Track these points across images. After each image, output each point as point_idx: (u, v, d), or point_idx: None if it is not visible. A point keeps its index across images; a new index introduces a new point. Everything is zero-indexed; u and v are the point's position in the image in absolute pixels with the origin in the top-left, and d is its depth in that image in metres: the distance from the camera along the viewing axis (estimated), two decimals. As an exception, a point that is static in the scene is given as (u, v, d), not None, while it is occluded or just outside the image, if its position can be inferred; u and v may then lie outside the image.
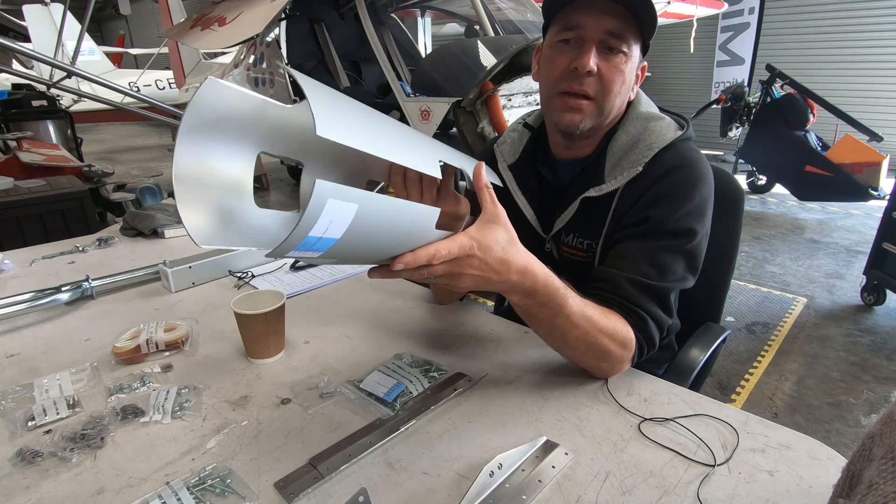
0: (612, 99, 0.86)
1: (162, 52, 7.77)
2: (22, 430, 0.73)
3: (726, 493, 0.61)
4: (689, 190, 0.85)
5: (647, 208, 0.85)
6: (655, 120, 0.90)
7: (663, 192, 0.85)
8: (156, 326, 0.95)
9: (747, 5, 6.63)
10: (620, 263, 0.84)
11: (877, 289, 2.90)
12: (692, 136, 0.91)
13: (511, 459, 0.63)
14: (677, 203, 0.84)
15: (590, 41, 0.82)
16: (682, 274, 0.85)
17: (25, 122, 4.28)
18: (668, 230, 0.84)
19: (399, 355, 0.89)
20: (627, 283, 0.81)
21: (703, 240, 0.87)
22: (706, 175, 0.88)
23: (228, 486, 0.62)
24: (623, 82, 0.85)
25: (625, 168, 0.88)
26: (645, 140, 0.88)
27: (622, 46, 0.83)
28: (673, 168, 0.86)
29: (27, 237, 2.19)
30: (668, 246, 0.84)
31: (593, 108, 0.87)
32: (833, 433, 1.96)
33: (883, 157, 3.96)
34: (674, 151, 0.87)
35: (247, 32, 3.04)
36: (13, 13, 6.84)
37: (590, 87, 0.85)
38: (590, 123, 0.89)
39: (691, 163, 0.87)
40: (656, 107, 0.95)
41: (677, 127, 0.91)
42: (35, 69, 5.52)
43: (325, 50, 4.49)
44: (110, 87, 3.10)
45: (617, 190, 0.88)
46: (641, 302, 0.81)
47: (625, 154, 0.89)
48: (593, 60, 0.82)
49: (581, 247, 0.95)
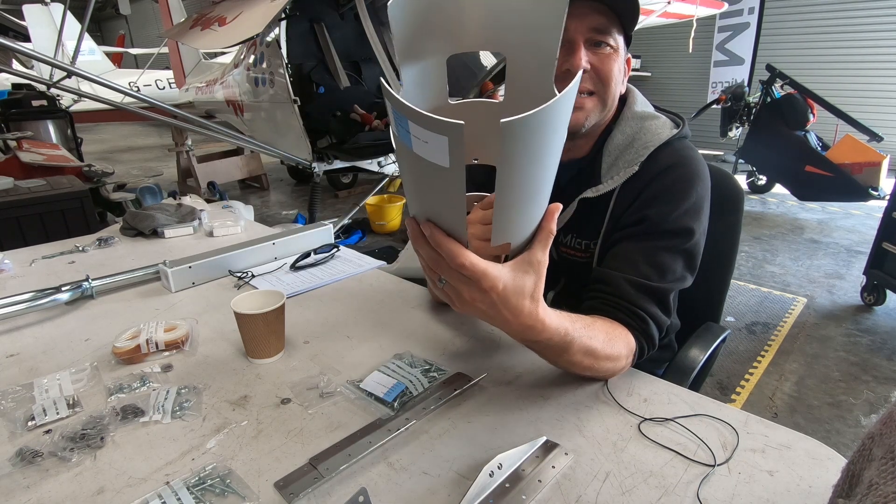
0: (613, 89, 0.88)
1: (162, 52, 7.76)
2: (22, 429, 0.73)
3: (726, 493, 0.61)
4: (685, 188, 0.85)
5: (645, 208, 0.85)
6: (651, 119, 0.91)
7: (660, 192, 0.85)
8: (156, 326, 0.95)
9: (747, 5, 6.63)
10: (619, 264, 0.84)
11: (877, 289, 2.90)
12: (688, 135, 0.91)
13: (511, 459, 0.63)
14: (674, 202, 0.85)
15: (577, 41, 0.84)
16: (681, 273, 0.85)
17: (25, 122, 4.28)
18: (665, 230, 0.84)
19: (399, 355, 0.89)
20: (627, 284, 0.81)
21: (701, 238, 0.88)
22: (702, 173, 0.89)
23: (228, 486, 0.62)
24: (618, 71, 0.88)
25: (621, 168, 0.88)
26: (640, 139, 0.89)
27: (608, 40, 0.85)
28: (669, 167, 0.86)
29: (27, 237, 2.18)
30: (666, 246, 0.84)
31: (595, 102, 0.88)
32: (833, 433, 1.96)
33: (883, 157, 3.96)
34: (669, 150, 0.88)
35: (247, 32, 3.03)
36: (13, 13, 6.84)
37: (588, 84, 0.87)
38: (594, 119, 0.90)
39: (687, 161, 0.87)
40: (652, 106, 0.96)
41: (672, 125, 0.91)
42: (35, 69, 5.52)
43: (325, 50, 4.48)
44: (110, 87, 3.09)
45: (614, 190, 0.89)
46: (642, 303, 0.81)
47: (621, 154, 0.90)
48: (584, 59, 0.84)
49: (579, 247, 0.95)
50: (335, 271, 1.28)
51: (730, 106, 5.01)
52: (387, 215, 4.50)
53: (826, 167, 4.12)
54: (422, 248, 0.58)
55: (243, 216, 1.70)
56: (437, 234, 0.55)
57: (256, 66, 4.24)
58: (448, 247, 0.55)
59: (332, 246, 1.38)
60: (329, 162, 4.17)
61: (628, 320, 0.80)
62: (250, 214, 2.45)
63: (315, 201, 4.17)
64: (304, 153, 4.01)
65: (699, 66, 7.41)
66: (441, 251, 0.55)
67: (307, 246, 1.38)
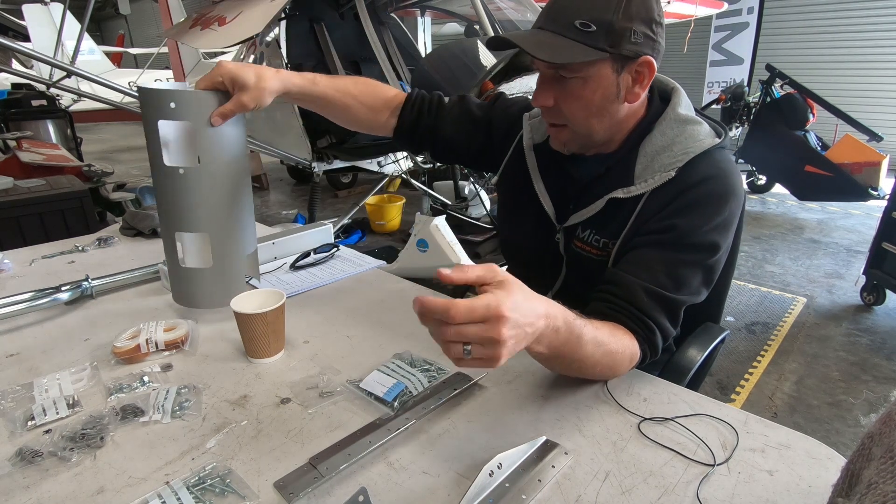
0: (583, 123, 0.86)
1: (162, 52, 7.76)
2: (22, 429, 0.73)
3: (726, 493, 0.61)
4: (719, 203, 0.83)
5: (675, 216, 0.82)
6: (693, 124, 0.87)
7: (693, 202, 0.82)
8: (155, 326, 0.95)
9: (746, 5, 6.64)
10: (637, 270, 0.82)
11: (876, 289, 2.90)
12: (728, 146, 0.88)
13: (511, 459, 0.63)
14: (706, 216, 0.82)
15: (541, 77, 0.85)
16: (697, 288, 0.84)
17: (25, 122, 4.28)
18: (692, 243, 0.81)
19: (399, 355, 0.89)
20: (642, 291, 0.79)
21: (724, 255, 0.86)
22: (738, 189, 0.86)
23: (228, 486, 0.62)
24: (587, 106, 0.84)
25: (656, 171, 0.85)
26: (680, 144, 0.85)
27: (570, 74, 0.81)
28: (706, 178, 0.83)
29: (27, 237, 2.18)
30: (689, 260, 0.82)
31: (569, 134, 0.88)
32: (832, 433, 1.96)
33: (883, 157, 3.96)
34: (709, 160, 0.84)
35: (246, 32, 3.03)
36: (13, 13, 6.84)
37: (555, 118, 0.87)
38: (575, 146, 0.90)
39: (725, 174, 0.84)
40: (694, 110, 0.91)
41: (714, 134, 0.87)
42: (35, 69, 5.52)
43: (325, 50, 4.48)
44: (110, 86, 3.09)
45: (645, 192, 0.86)
46: (652, 312, 0.79)
47: (657, 156, 0.86)
48: (542, 97, 0.85)
49: (596, 244, 0.91)
50: (335, 271, 1.28)
51: (729, 106, 5.02)
52: (387, 215, 4.50)
53: (826, 167, 4.12)
54: (429, 324, 0.58)
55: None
56: (425, 300, 0.56)
57: (256, 66, 4.23)
58: (442, 303, 0.55)
59: (332, 245, 1.38)
60: (329, 162, 4.17)
61: (635, 327, 0.79)
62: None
63: (315, 201, 4.17)
64: (303, 153, 4.01)
65: (695, 66, 7.41)
66: (440, 312, 0.55)
67: (307, 246, 1.38)
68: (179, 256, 0.99)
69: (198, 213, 0.95)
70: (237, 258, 1.01)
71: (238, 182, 0.98)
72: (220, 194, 0.95)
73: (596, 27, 0.77)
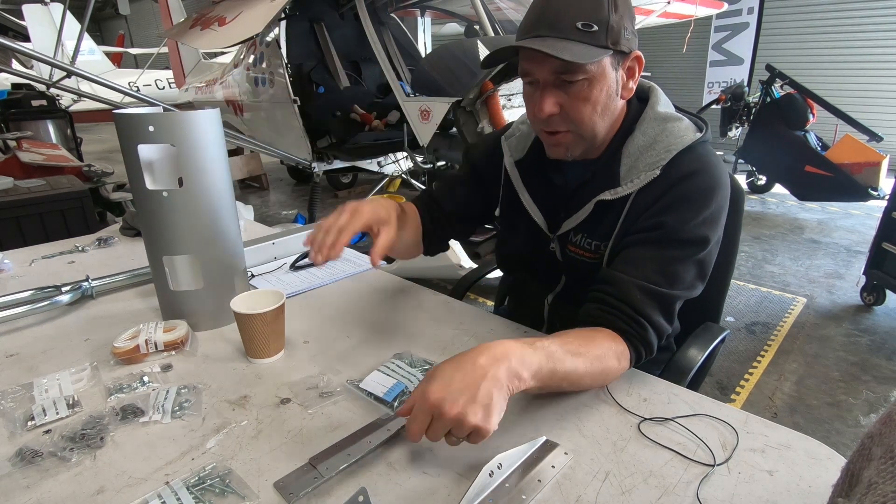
0: (589, 124, 0.85)
1: (162, 52, 7.77)
2: (22, 429, 0.73)
3: (726, 493, 0.61)
4: (706, 196, 0.83)
5: (662, 214, 0.83)
6: (673, 121, 0.87)
7: (680, 198, 0.83)
8: (155, 326, 0.95)
9: (746, 5, 6.65)
10: (630, 268, 0.82)
11: (876, 289, 2.90)
12: (710, 139, 0.89)
13: (511, 459, 0.63)
14: (693, 210, 0.82)
15: (543, 85, 0.83)
16: (692, 282, 0.84)
17: (25, 122, 4.28)
18: (681, 238, 0.82)
19: (399, 355, 0.89)
20: (636, 289, 0.80)
21: (715, 247, 0.86)
22: (723, 181, 0.86)
23: (228, 486, 0.62)
24: (594, 106, 0.84)
25: (641, 171, 0.86)
26: (662, 142, 0.86)
27: (577, 76, 0.80)
28: (691, 173, 0.84)
29: (27, 237, 2.18)
30: (680, 255, 0.82)
31: (572, 138, 0.87)
32: (832, 433, 1.96)
33: (882, 157, 3.96)
34: (692, 155, 0.85)
35: (247, 32, 3.04)
36: (13, 13, 6.84)
37: (560, 125, 0.86)
38: (578, 150, 0.89)
39: (709, 168, 0.85)
40: (673, 106, 0.92)
41: (695, 129, 0.88)
42: (35, 69, 5.52)
43: (325, 50, 4.48)
44: (110, 86, 3.10)
45: (631, 192, 0.86)
46: (645, 309, 0.80)
47: (641, 156, 0.86)
48: (549, 105, 0.83)
49: (589, 247, 0.92)
50: (335, 271, 1.28)
51: (729, 106, 5.02)
52: (386, 215, 4.48)
53: (826, 167, 4.12)
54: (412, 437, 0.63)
55: (243, 216, 1.70)
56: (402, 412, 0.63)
57: (256, 66, 4.24)
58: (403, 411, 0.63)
59: (332, 246, 1.38)
60: (329, 162, 4.17)
61: (626, 327, 0.79)
62: (250, 214, 2.45)
63: (315, 201, 4.17)
64: (303, 153, 4.01)
65: (695, 66, 7.42)
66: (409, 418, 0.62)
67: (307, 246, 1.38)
68: (168, 281, 0.99)
69: (183, 236, 0.94)
70: (226, 278, 1.01)
71: (222, 201, 0.98)
72: (205, 215, 0.95)
73: (597, 27, 0.78)
